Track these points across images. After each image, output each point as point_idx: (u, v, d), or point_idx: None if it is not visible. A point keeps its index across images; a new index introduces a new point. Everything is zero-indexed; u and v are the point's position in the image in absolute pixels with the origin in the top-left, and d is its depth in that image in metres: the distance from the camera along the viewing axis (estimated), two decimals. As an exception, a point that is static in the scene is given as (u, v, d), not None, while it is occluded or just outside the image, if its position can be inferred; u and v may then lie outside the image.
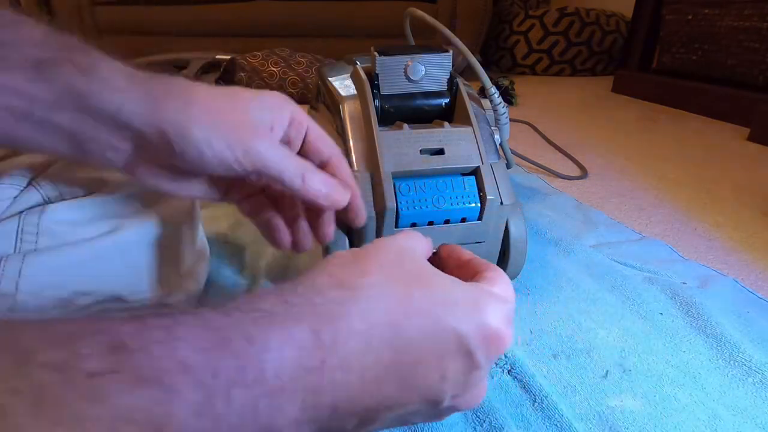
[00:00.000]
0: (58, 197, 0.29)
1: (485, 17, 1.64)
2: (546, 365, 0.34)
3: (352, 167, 0.36)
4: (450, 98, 0.40)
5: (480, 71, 0.42)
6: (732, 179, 0.73)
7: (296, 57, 1.30)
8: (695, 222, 0.59)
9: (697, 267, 0.47)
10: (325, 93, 0.44)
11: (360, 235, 0.36)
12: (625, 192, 0.69)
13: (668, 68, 1.34)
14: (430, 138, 0.37)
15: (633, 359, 0.35)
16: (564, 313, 0.40)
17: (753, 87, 1.09)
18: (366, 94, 0.38)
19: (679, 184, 0.71)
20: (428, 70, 0.39)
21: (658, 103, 1.31)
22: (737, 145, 0.92)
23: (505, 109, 0.45)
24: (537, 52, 1.87)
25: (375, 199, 0.35)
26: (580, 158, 0.82)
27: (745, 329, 0.38)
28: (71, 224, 0.28)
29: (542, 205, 0.62)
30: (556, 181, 0.73)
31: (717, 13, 1.15)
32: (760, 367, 0.34)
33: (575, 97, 1.44)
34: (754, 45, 1.07)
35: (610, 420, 0.30)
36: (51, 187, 0.28)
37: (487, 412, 0.30)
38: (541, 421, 0.29)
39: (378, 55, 0.38)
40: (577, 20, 1.79)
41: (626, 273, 0.45)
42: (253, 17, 1.67)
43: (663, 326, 0.38)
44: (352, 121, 0.38)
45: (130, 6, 1.68)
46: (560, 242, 0.51)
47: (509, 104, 1.28)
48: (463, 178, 0.36)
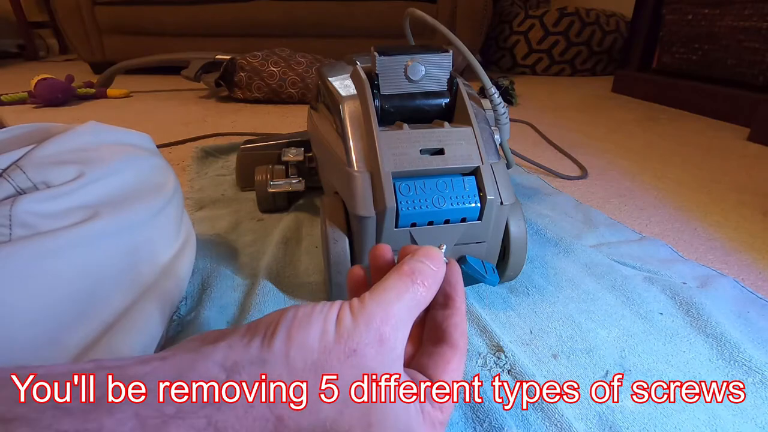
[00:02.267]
0: (31, 188, 0.28)
1: (485, 17, 1.64)
2: (546, 365, 0.34)
3: (352, 167, 0.36)
4: (450, 98, 0.40)
5: (480, 71, 0.42)
6: (732, 179, 0.73)
7: (296, 57, 1.30)
8: (695, 222, 0.59)
9: (697, 267, 0.47)
10: (325, 93, 0.44)
11: (359, 236, 0.36)
12: (625, 192, 0.69)
13: (668, 68, 1.34)
14: (430, 138, 0.37)
15: (633, 359, 0.35)
16: (564, 313, 0.40)
17: (753, 87, 1.09)
18: (366, 94, 0.38)
19: (679, 184, 0.71)
20: (428, 70, 0.39)
21: (658, 103, 1.31)
22: (737, 145, 0.92)
23: (505, 109, 0.45)
24: (537, 52, 1.87)
25: (375, 199, 0.35)
26: (580, 158, 0.82)
27: (745, 329, 0.38)
28: (46, 214, 0.27)
29: (542, 205, 0.62)
30: (556, 181, 0.73)
31: (717, 13, 1.15)
32: (760, 367, 0.34)
33: (575, 97, 1.44)
34: (754, 45, 1.07)
35: (610, 420, 0.30)
36: (23, 178, 0.28)
37: (487, 412, 0.30)
38: (541, 421, 0.29)
39: (378, 55, 0.38)
40: (577, 20, 1.79)
41: (626, 273, 0.45)
42: (253, 17, 1.67)
43: (663, 326, 0.38)
44: (352, 121, 0.38)
45: (130, 6, 1.68)
46: (560, 242, 0.51)
47: (509, 104, 1.28)
48: (463, 178, 0.36)
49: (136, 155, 0.35)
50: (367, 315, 0.20)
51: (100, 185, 0.31)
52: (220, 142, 0.89)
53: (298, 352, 0.18)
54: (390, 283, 0.22)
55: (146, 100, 1.35)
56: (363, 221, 0.35)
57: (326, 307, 0.20)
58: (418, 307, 0.22)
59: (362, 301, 0.21)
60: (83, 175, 0.30)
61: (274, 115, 1.17)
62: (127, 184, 0.33)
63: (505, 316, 0.40)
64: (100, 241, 0.29)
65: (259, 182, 0.57)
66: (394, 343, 0.20)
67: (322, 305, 0.20)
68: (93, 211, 0.29)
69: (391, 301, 0.21)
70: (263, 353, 0.18)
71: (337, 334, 0.19)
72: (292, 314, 0.20)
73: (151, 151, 0.39)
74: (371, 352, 0.19)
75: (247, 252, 0.49)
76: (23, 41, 2.34)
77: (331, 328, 0.19)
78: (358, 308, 0.20)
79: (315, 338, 0.19)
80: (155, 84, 1.59)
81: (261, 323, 0.20)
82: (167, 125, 1.05)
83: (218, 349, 0.18)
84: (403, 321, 0.21)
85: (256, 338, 0.19)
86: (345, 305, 0.20)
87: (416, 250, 0.24)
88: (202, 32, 1.71)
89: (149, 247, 0.33)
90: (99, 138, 0.34)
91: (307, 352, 0.19)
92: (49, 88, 1.20)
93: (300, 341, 0.19)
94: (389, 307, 0.21)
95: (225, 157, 0.80)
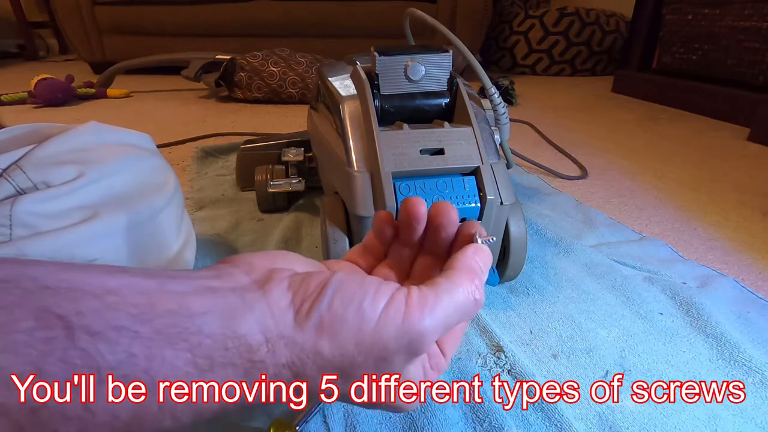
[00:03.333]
0: (31, 188, 0.28)
1: (485, 17, 1.64)
2: (546, 365, 0.34)
3: (352, 167, 0.36)
4: (450, 98, 0.40)
5: (480, 71, 0.42)
6: (732, 179, 0.73)
7: (296, 57, 1.30)
8: (695, 222, 0.59)
9: (697, 267, 0.47)
10: (325, 93, 0.44)
11: (359, 236, 0.36)
12: (625, 192, 0.69)
13: (668, 68, 1.34)
14: (430, 138, 0.37)
15: (633, 359, 0.35)
16: (564, 313, 0.40)
17: (753, 87, 1.09)
18: (366, 94, 0.38)
19: (679, 184, 0.71)
20: (428, 70, 0.39)
21: (658, 103, 1.31)
22: (737, 145, 0.92)
23: (505, 109, 0.45)
24: (537, 52, 1.87)
25: (375, 199, 0.35)
26: (580, 158, 0.82)
27: (745, 329, 0.38)
28: (46, 214, 0.27)
29: (542, 205, 0.62)
30: (556, 181, 0.73)
31: (717, 13, 1.15)
32: (760, 367, 0.34)
33: (575, 97, 1.44)
34: (754, 45, 1.07)
35: (610, 420, 0.30)
36: (23, 178, 0.28)
37: (487, 411, 0.30)
38: (541, 421, 0.29)
39: (378, 55, 0.38)
40: (577, 20, 1.79)
41: (626, 273, 0.45)
42: (253, 17, 1.67)
43: (663, 326, 0.38)
44: (352, 121, 0.38)
45: (130, 6, 1.68)
46: (560, 242, 0.51)
47: (509, 104, 1.28)
48: (463, 178, 0.36)
49: (137, 155, 0.35)
50: (414, 324, 0.18)
51: (101, 185, 0.31)
52: (220, 142, 0.89)
53: (328, 343, 0.18)
54: (448, 286, 0.20)
55: (146, 100, 1.35)
56: (363, 221, 0.35)
57: (373, 295, 0.19)
58: (470, 314, 0.21)
59: (416, 302, 0.19)
60: (83, 175, 0.30)
61: (274, 115, 1.17)
62: (127, 184, 0.33)
63: (505, 316, 0.40)
64: (100, 241, 0.29)
65: (259, 182, 0.57)
66: (424, 354, 0.20)
67: (374, 289, 0.19)
68: (93, 212, 0.29)
69: (448, 309, 0.19)
70: (293, 333, 0.18)
71: (374, 333, 0.18)
72: (332, 293, 0.19)
73: (152, 152, 0.39)
74: (399, 361, 0.19)
75: (247, 252, 0.49)
76: (23, 41, 2.34)
77: (371, 326, 0.18)
78: (414, 308, 0.19)
79: (350, 336, 0.18)
80: (155, 84, 1.59)
81: (304, 286, 0.19)
82: (167, 125, 1.05)
83: (258, 308, 0.18)
84: (449, 329, 0.20)
85: (291, 308, 0.18)
86: (397, 300, 0.19)
87: (476, 250, 0.22)
88: (202, 32, 1.71)
89: (150, 247, 0.33)
90: (99, 138, 0.34)
91: (336, 348, 0.18)
92: (49, 88, 1.20)
93: (333, 331, 0.18)
94: (443, 315, 0.19)
95: (225, 157, 0.80)
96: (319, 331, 0.18)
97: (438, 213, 0.24)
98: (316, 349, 0.18)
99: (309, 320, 0.18)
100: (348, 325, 0.18)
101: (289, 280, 0.19)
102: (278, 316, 0.18)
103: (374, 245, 0.27)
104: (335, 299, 0.18)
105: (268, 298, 0.18)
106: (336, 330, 0.18)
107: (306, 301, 0.18)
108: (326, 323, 0.18)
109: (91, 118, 0.49)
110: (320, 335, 0.18)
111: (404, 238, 0.25)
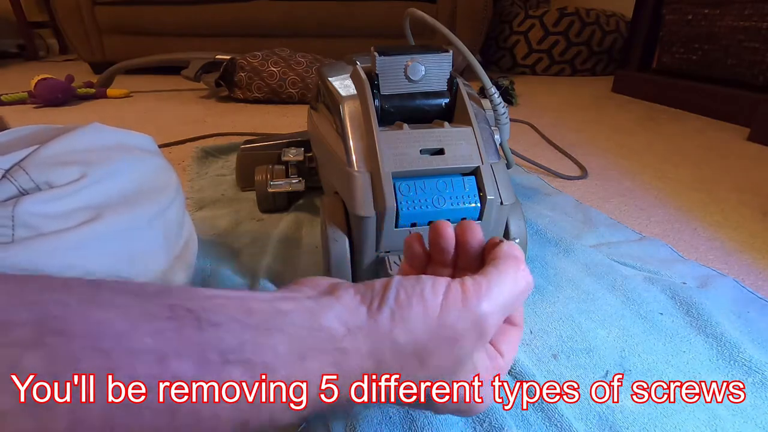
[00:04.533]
0: (34, 189, 0.28)
1: (485, 17, 1.64)
2: (546, 365, 0.34)
3: (352, 167, 0.36)
4: (450, 98, 0.40)
5: (480, 71, 0.42)
6: (732, 179, 0.73)
7: (296, 57, 1.30)
8: (695, 222, 0.59)
9: (697, 267, 0.47)
10: (325, 93, 0.44)
11: (359, 236, 0.36)
12: (625, 192, 0.69)
13: (668, 68, 1.34)
14: (430, 138, 0.37)
15: (633, 359, 0.35)
16: (564, 313, 0.40)
17: (753, 87, 1.09)
18: (366, 94, 0.38)
19: (679, 184, 0.71)
20: (428, 70, 0.39)
21: (658, 103, 1.31)
22: (737, 145, 0.92)
23: (505, 109, 0.45)
24: (537, 52, 1.87)
25: (375, 199, 0.35)
26: (580, 158, 0.82)
27: (745, 329, 0.38)
28: (49, 215, 0.27)
29: (542, 205, 0.62)
30: (556, 181, 0.73)
31: (717, 13, 1.15)
32: (760, 367, 0.34)
33: (575, 97, 1.44)
34: (754, 45, 1.07)
35: (610, 420, 0.30)
36: (26, 179, 0.28)
37: (487, 412, 0.30)
38: (541, 421, 0.29)
39: (378, 55, 0.38)
40: (577, 20, 1.79)
41: (626, 273, 0.45)
42: (253, 17, 1.67)
43: (663, 326, 0.38)
44: (352, 121, 0.38)
45: (130, 6, 1.68)
46: (560, 242, 0.51)
47: (509, 104, 1.28)
48: (463, 178, 0.36)
49: (139, 157, 0.35)
50: (473, 306, 0.21)
51: (103, 186, 0.31)
52: (220, 142, 0.89)
53: (401, 331, 0.20)
54: (497, 272, 0.23)
55: (146, 100, 1.35)
56: (363, 221, 0.35)
57: (432, 286, 0.21)
58: (524, 296, 0.24)
59: (472, 288, 0.21)
60: (86, 176, 0.30)
61: (274, 115, 1.17)
62: (129, 185, 0.33)
63: (505, 316, 0.40)
64: (103, 242, 0.29)
65: (259, 182, 0.57)
66: (490, 334, 0.22)
67: (431, 282, 0.22)
68: (96, 213, 0.29)
69: (503, 291, 0.22)
70: (369, 324, 0.20)
71: (440, 318, 0.21)
72: (396, 288, 0.21)
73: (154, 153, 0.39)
74: (470, 341, 0.21)
75: (247, 252, 0.49)
76: (23, 41, 2.34)
77: (435, 312, 0.21)
78: (471, 293, 0.21)
79: (419, 323, 0.20)
80: (155, 84, 1.59)
81: (369, 289, 0.22)
82: (167, 125, 1.05)
83: (335, 307, 0.20)
84: (507, 311, 0.23)
85: (362, 306, 0.21)
86: (454, 289, 0.21)
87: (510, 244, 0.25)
88: (202, 32, 1.71)
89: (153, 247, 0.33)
90: (102, 139, 0.34)
91: (409, 334, 0.20)
92: (49, 88, 1.20)
93: (404, 320, 0.20)
94: (499, 297, 0.22)
95: (225, 157, 0.80)
96: (391, 321, 0.20)
97: (464, 231, 0.26)
98: (392, 336, 0.20)
99: (381, 313, 0.20)
100: (415, 313, 0.20)
101: (354, 288, 0.22)
102: (353, 312, 0.20)
103: (408, 273, 0.29)
104: (400, 293, 0.21)
105: (340, 300, 0.21)
106: (406, 318, 0.20)
107: (375, 299, 0.21)
108: (396, 314, 0.20)
109: (91, 118, 0.49)
110: (393, 325, 0.20)
111: (437, 259, 0.28)
